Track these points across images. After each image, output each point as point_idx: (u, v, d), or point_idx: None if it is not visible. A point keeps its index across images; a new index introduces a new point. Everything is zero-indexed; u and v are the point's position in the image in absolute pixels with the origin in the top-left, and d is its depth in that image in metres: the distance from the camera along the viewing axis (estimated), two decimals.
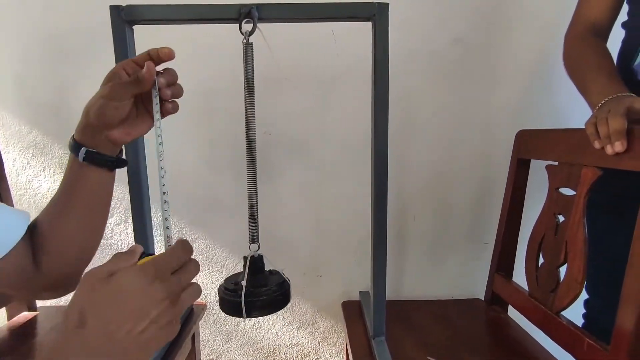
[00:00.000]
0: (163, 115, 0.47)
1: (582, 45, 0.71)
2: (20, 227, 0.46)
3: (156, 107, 0.45)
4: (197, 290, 0.36)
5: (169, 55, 0.46)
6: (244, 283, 0.50)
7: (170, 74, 0.47)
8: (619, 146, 0.52)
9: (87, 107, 0.45)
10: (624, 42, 0.73)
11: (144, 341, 0.32)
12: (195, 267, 0.37)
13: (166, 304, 0.33)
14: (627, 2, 0.72)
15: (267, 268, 0.57)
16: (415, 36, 0.94)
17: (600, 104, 0.60)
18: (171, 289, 0.34)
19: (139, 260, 0.35)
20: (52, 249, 0.48)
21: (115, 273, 0.33)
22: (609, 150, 0.54)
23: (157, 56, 0.46)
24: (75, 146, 0.46)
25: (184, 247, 0.37)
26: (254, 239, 0.57)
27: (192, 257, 0.37)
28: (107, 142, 0.47)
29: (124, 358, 0.32)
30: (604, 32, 0.73)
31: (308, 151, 0.98)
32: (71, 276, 0.51)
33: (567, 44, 0.75)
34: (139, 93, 0.45)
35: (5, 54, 0.92)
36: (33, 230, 0.49)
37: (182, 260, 0.36)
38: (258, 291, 0.51)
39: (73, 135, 0.47)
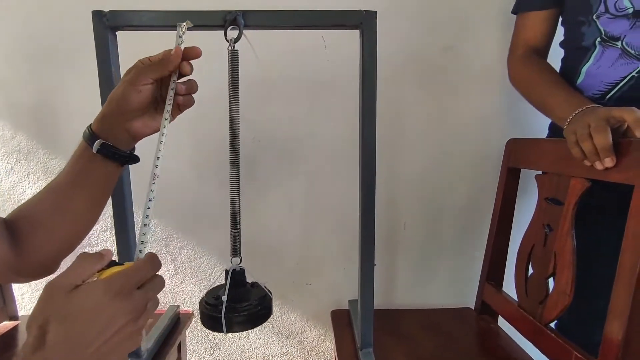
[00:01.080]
0: (180, 110, 0.49)
1: (529, 65, 0.74)
2: None
3: (171, 92, 0.46)
4: (156, 304, 0.36)
5: (196, 53, 0.48)
6: (224, 298, 0.49)
7: (187, 67, 0.48)
8: (609, 162, 0.52)
9: (110, 96, 0.47)
10: (564, 60, 0.76)
11: (105, 353, 0.32)
12: (161, 283, 0.36)
13: (129, 319, 0.33)
14: (561, 24, 0.75)
15: (250, 280, 0.56)
16: (405, 43, 0.93)
17: (570, 117, 0.60)
18: (135, 304, 0.33)
19: (107, 267, 0.35)
20: (42, 236, 0.47)
21: (79, 287, 0.32)
22: (598, 166, 0.54)
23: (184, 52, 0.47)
24: (90, 136, 0.47)
25: (153, 262, 0.36)
26: (236, 251, 0.56)
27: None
28: (125, 135, 0.48)
29: None
30: (543, 53, 0.76)
31: (296, 158, 0.97)
32: (54, 262, 0.50)
33: (513, 66, 0.78)
34: (159, 78, 0.47)
35: None
36: (22, 215, 0.48)
37: (148, 276, 0.35)
38: (239, 306, 0.51)
39: (90, 125, 0.48)
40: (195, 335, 1.03)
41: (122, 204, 0.63)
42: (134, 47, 0.71)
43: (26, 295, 1.01)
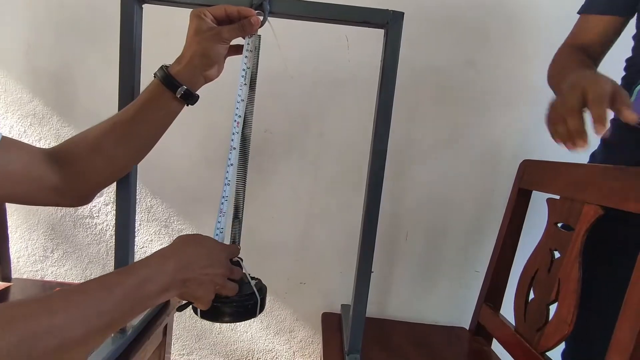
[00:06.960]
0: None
1: (568, 56, 0.69)
2: None
3: (246, 52, 0.54)
4: (235, 288, 0.51)
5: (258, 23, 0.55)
6: None
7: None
8: (581, 143, 0.48)
9: (194, 49, 0.51)
10: (623, 79, 0.70)
11: (197, 280, 0.45)
12: (239, 272, 0.52)
13: (220, 272, 0.48)
14: (632, 38, 0.69)
15: (248, 272, 0.55)
16: (427, 53, 0.92)
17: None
18: (228, 264, 0.50)
19: None
20: (99, 162, 0.51)
21: (210, 237, 0.50)
22: (569, 147, 0.49)
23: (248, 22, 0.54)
24: (169, 79, 0.51)
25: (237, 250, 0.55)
26: (235, 240, 0.55)
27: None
28: (201, 79, 0.53)
29: (185, 281, 0.44)
30: (593, 57, 0.70)
31: (305, 155, 0.96)
32: (96, 189, 0.55)
33: (554, 58, 0.73)
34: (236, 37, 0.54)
35: (17, 21, 0.92)
36: (83, 142, 0.51)
37: (237, 255, 0.54)
38: (224, 298, 0.50)
39: (166, 68, 0.51)
40: (183, 321, 1.02)
41: (126, 177, 0.62)
42: (158, 21, 0.70)
43: (22, 259, 1.01)
